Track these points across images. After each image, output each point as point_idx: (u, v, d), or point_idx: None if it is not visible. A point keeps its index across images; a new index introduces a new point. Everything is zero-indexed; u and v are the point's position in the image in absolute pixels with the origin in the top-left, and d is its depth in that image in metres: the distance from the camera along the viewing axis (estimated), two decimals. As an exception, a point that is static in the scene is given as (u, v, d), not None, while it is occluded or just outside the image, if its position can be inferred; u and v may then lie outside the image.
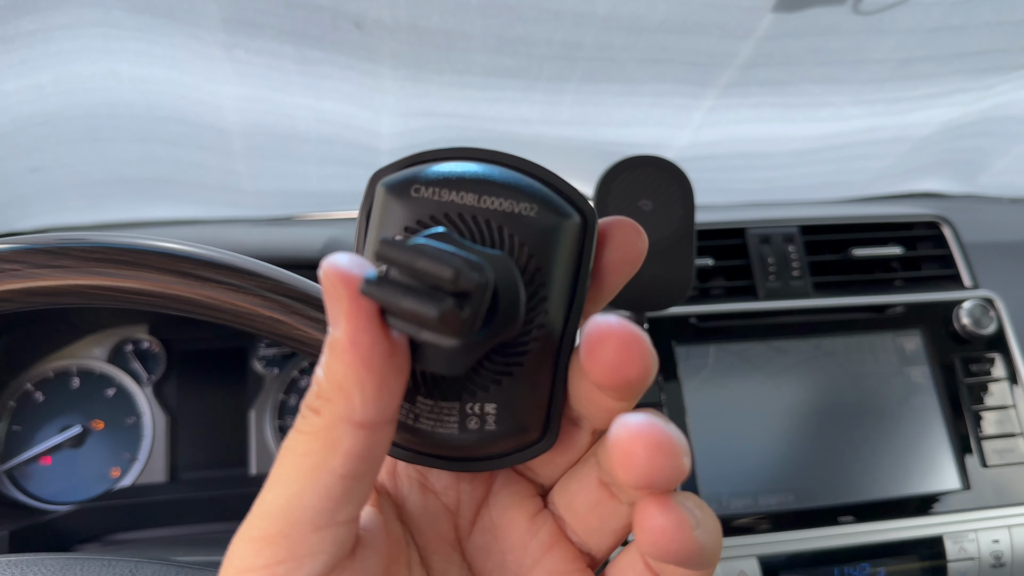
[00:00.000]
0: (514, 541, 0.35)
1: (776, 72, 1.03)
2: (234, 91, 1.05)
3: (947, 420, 0.94)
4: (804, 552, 0.87)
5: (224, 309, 0.46)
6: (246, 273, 0.46)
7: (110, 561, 0.57)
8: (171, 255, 0.45)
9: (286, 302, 0.46)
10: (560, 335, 0.32)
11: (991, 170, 1.43)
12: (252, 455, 1.01)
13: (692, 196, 0.81)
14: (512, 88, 1.03)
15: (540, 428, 0.33)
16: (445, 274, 0.26)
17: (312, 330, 0.47)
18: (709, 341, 0.93)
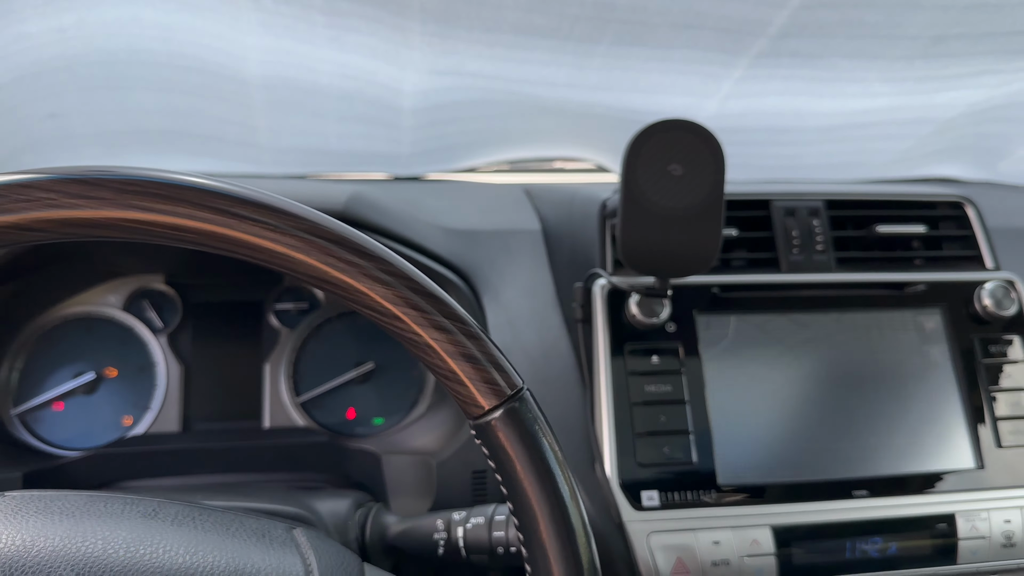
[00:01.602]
0: None
1: (808, 44, 1.02)
2: (258, 41, 1.04)
3: (964, 399, 0.94)
4: (817, 524, 0.87)
5: (259, 248, 0.45)
6: (282, 213, 0.46)
7: (134, 499, 0.57)
8: (208, 191, 0.44)
9: (322, 244, 0.45)
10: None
11: (1011, 157, 1.42)
12: (266, 409, 1.01)
13: (723, 164, 0.81)
14: (541, 48, 1.01)
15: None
16: None
17: (344, 274, 0.46)
18: (730, 311, 0.93)
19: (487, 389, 0.47)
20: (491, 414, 0.46)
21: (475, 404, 0.47)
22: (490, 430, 0.47)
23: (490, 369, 0.47)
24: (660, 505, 0.84)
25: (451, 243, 1.02)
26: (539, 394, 0.92)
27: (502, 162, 1.43)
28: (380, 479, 0.91)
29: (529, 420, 0.48)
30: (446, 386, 0.48)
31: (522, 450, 0.48)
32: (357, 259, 0.46)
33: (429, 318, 0.46)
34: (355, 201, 0.90)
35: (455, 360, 0.47)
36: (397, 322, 0.47)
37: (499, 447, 0.47)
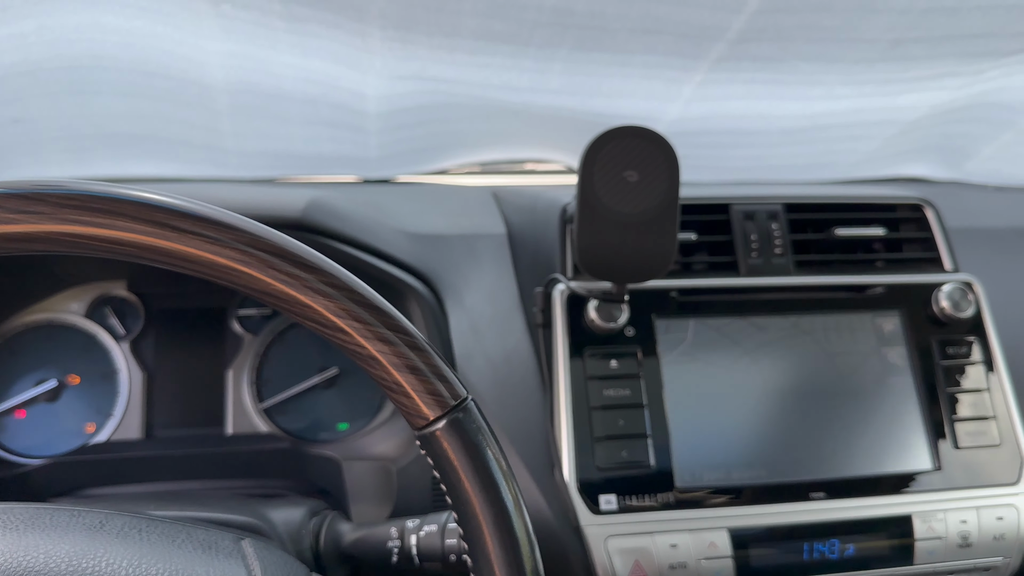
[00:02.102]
0: None
1: (768, 48, 1.02)
2: (220, 47, 1.04)
3: (922, 401, 0.95)
4: (775, 526, 0.87)
5: (200, 261, 0.45)
6: (223, 226, 0.46)
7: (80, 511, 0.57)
8: (148, 205, 0.44)
9: (263, 256, 0.46)
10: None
11: (978, 157, 1.43)
12: (229, 415, 1.01)
13: (677, 169, 0.81)
14: (502, 54, 1.02)
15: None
16: None
17: (287, 286, 0.46)
18: (689, 315, 0.94)
19: (431, 400, 0.47)
20: (435, 424, 0.47)
21: (419, 415, 0.47)
22: (434, 440, 0.47)
23: (434, 380, 0.47)
24: (618, 509, 0.85)
25: (415, 248, 1.02)
26: (500, 398, 0.92)
27: (473, 164, 1.44)
28: (342, 485, 0.91)
29: (473, 430, 0.48)
30: (391, 398, 0.48)
31: (465, 460, 0.48)
32: (299, 271, 0.46)
33: (373, 330, 0.47)
34: (313, 207, 0.90)
35: (399, 372, 0.47)
36: (341, 334, 0.47)
37: (443, 457, 0.48)
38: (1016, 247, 1.19)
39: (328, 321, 0.47)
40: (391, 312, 0.48)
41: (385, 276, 0.95)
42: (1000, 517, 0.91)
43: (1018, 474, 0.93)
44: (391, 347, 0.47)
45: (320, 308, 0.46)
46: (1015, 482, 0.93)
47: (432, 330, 0.94)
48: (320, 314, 0.46)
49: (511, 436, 0.89)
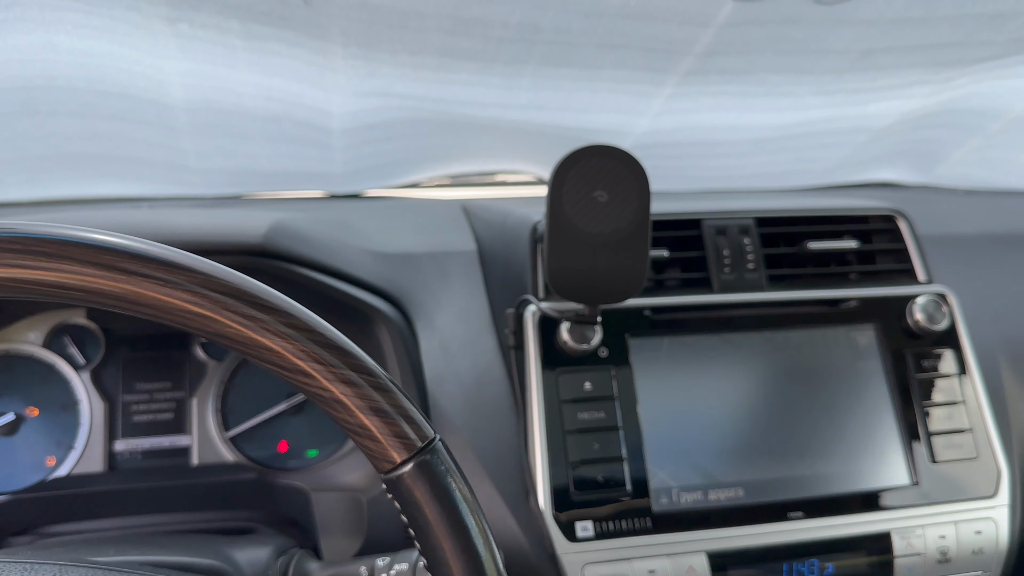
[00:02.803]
0: None
1: (736, 61, 1.01)
2: (178, 66, 1.01)
3: (898, 415, 0.94)
4: (753, 548, 0.86)
5: (151, 305, 0.43)
6: (175, 266, 0.44)
7: (35, 566, 0.54)
8: (94, 246, 0.42)
9: (217, 298, 0.44)
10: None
11: (947, 161, 1.43)
12: (194, 445, 0.98)
13: (648, 188, 0.80)
14: (468, 70, 1.00)
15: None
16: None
17: (244, 328, 0.44)
18: (663, 334, 0.92)
19: (397, 443, 0.46)
20: (401, 468, 0.45)
21: (385, 459, 0.46)
22: (401, 484, 0.46)
23: (400, 422, 0.46)
24: (595, 535, 0.83)
25: (382, 268, 1.00)
26: (472, 423, 0.90)
27: (443, 176, 1.42)
28: (311, 517, 0.89)
29: (441, 472, 0.47)
30: (356, 442, 0.47)
31: (434, 504, 0.46)
32: (256, 313, 0.45)
33: (336, 372, 0.45)
34: (276, 232, 0.88)
35: (364, 414, 0.46)
36: (303, 377, 0.45)
37: (410, 502, 0.46)
38: (988, 254, 1.18)
39: (289, 364, 0.45)
40: (354, 352, 0.46)
41: (352, 300, 0.92)
42: (979, 531, 0.91)
43: (995, 487, 0.93)
44: (355, 389, 0.45)
45: (280, 350, 0.45)
46: (992, 495, 0.92)
47: (401, 354, 0.92)
48: (280, 357, 0.45)
49: (484, 462, 0.88)
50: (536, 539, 0.84)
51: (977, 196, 1.45)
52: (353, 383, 0.45)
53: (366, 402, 0.45)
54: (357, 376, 0.45)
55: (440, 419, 0.90)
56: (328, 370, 0.44)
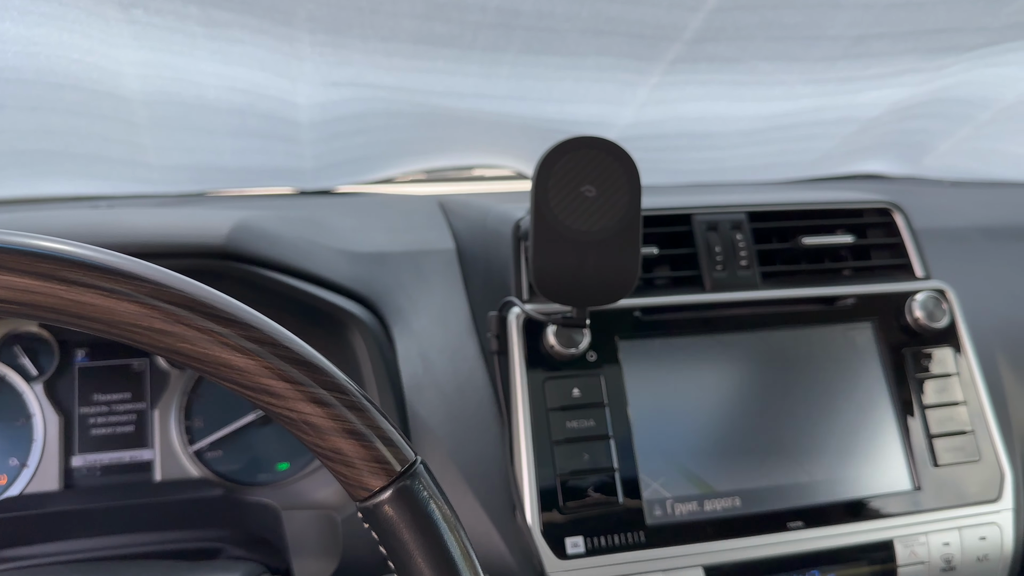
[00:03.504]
0: None
1: (726, 48, 0.97)
2: (134, 55, 0.95)
3: (898, 417, 0.90)
4: (752, 560, 0.82)
5: (95, 318, 0.39)
6: (121, 275, 0.39)
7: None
8: (30, 253, 0.37)
9: (170, 309, 0.39)
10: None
11: (935, 152, 1.40)
12: (156, 460, 0.92)
13: (638, 182, 0.75)
14: (444, 58, 0.94)
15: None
16: None
17: (198, 344, 0.39)
18: (654, 335, 0.88)
19: (375, 468, 0.42)
20: (379, 495, 0.41)
21: (361, 486, 0.42)
22: (379, 513, 0.42)
23: (377, 444, 0.42)
24: (586, 552, 0.79)
25: (356, 269, 0.94)
26: (454, 434, 0.85)
27: (419, 171, 1.36)
28: (282, 537, 0.83)
29: (423, 499, 0.43)
30: (329, 467, 0.42)
31: (416, 534, 0.42)
32: (214, 325, 0.40)
33: (305, 391, 0.41)
34: (239, 232, 0.82)
35: (337, 437, 0.41)
36: (267, 397, 0.41)
37: (390, 532, 0.42)
38: (981, 248, 1.15)
39: (251, 383, 0.41)
40: (325, 367, 0.42)
41: (323, 304, 0.87)
42: (983, 537, 0.87)
43: (999, 490, 0.89)
44: (326, 409, 0.41)
45: (241, 367, 0.40)
46: (996, 499, 0.89)
47: (377, 361, 0.86)
48: (241, 374, 0.41)
49: (467, 475, 0.82)
50: (523, 557, 0.79)
51: (965, 187, 1.42)
52: (324, 403, 0.40)
53: (339, 423, 0.40)
54: (328, 395, 0.40)
55: (419, 430, 0.84)
56: (295, 389, 0.40)
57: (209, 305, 0.40)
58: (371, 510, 0.41)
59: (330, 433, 0.41)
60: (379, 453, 0.41)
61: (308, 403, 0.40)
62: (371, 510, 0.41)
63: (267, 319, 0.42)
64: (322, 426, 0.41)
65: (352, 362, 0.88)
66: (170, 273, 0.40)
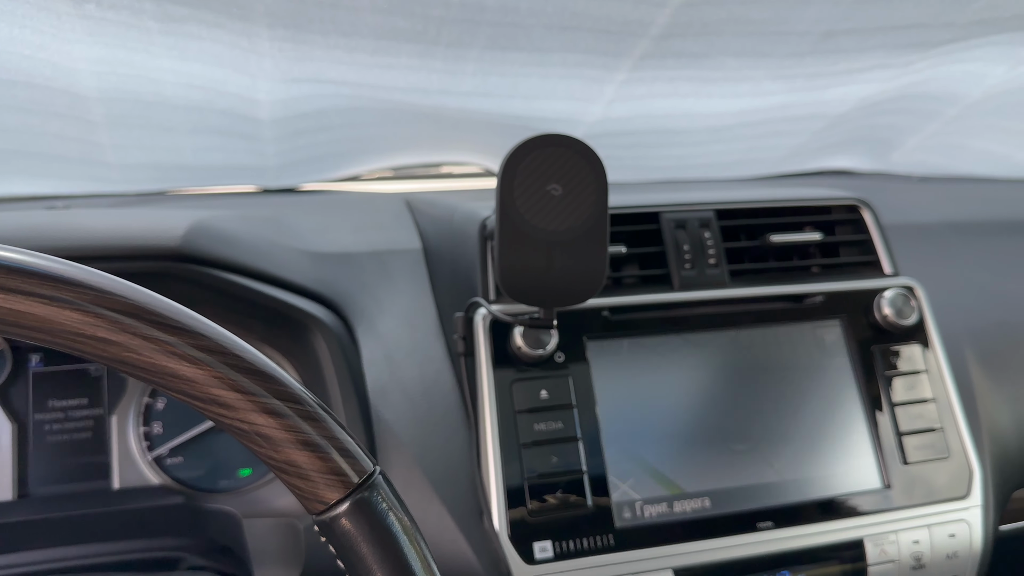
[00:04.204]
0: None
1: (694, 43, 0.96)
2: (88, 52, 0.92)
3: (867, 415, 0.90)
4: (722, 562, 0.81)
5: (34, 327, 0.37)
6: (61, 281, 0.37)
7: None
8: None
9: (113, 317, 0.37)
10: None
11: (903, 148, 1.40)
12: (114, 467, 0.90)
13: (605, 181, 0.73)
14: (408, 54, 0.92)
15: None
16: None
17: (144, 353, 0.38)
18: (623, 335, 0.86)
19: (331, 480, 0.40)
20: (336, 508, 0.40)
21: (317, 499, 0.40)
22: (337, 527, 0.40)
23: (334, 456, 0.40)
24: (554, 556, 0.77)
25: (319, 270, 0.92)
26: (420, 438, 0.83)
27: (385, 169, 1.34)
28: (243, 546, 0.81)
29: (382, 511, 0.41)
30: (283, 480, 0.41)
31: (376, 548, 0.41)
32: (160, 334, 0.38)
33: (257, 401, 0.39)
34: (196, 233, 0.79)
35: (292, 449, 0.40)
36: (218, 408, 0.39)
37: (348, 547, 0.40)
38: (949, 243, 1.15)
39: (201, 393, 0.39)
40: (278, 377, 0.40)
41: (284, 307, 0.84)
42: (952, 534, 0.87)
43: (968, 487, 0.89)
44: (280, 420, 0.39)
45: (190, 378, 0.39)
46: (965, 496, 0.89)
47: (340, 364, 0.84)
48: (191, 385, 0.39)
49: (432, 480, 0.81)
50: (491, 562, 0.78)
51: (932, 183, 1.43)
52: (277, 413, 0.39)
53: (293, 435, 0.39)
54: (282, 405, 0.39)
55: (384, 435, 0.83)
56: (247, 399, 0.38)
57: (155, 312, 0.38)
58: (328, 524, 0.40)
59: (284, 445, 0.39)
60: (335, 465, 0.40)
61: (260, 414, 0.39)
62: (328, 524, 0.40)
63: (217, 326, 0.40)
64: (276, 438, 0.39)
65: (315, 366, 0.86)
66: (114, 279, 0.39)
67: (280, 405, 0.39)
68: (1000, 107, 1.28)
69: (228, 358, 0.39)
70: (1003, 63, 1.15)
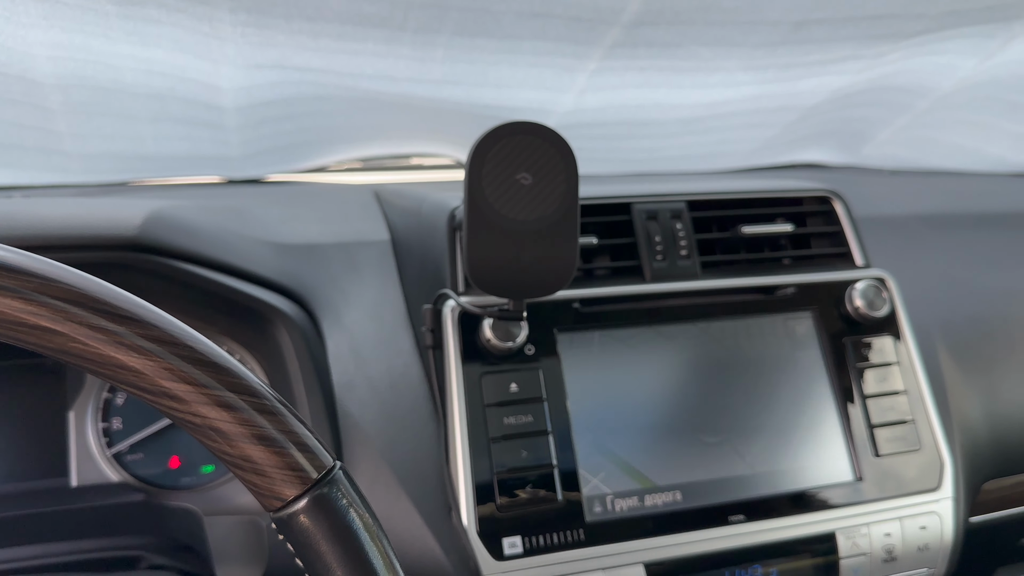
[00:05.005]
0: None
1: (665, 32, 0.94)
2: (43, 36, 0.89)
3: (839, 407, 0.89)
4: (693, 556, 0.80)
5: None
6: (2, 268, 0.35)
7: None
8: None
9: (58, 305, 0.35)
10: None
11: (874, 141, 1.40)
12: (72, 464, 0.87)
13: (576, 170, 0.72)
14: (374, 39, 0.90)
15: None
16: None
17: (93, 343, 0.36)
18: (594, 327, 0.85)
19: (289, 476, 0.39)
20: (294, 504, 0.39)
21: (274, 495, 0.39)
22: (294, 524, 0.39)
23: (291, 451, 0.39)
24: (524, 552, 0.76)
25: (283, 261, 0.90)
26: (387, 432, 0.81)
27: (353, 160, 1.32)
28: (205, 544, 0.79)
29: (342, 507, 0.40)
30: (239, 476, 0.39)
31: (334, 545, 0.39)
32: (108, 323, 0.37)
33: (209, 394, 0.38)
34: (154, 223, 0.77)
35: (247, 444, 0.38)
36: (169, 401, 0.38)
37: (306, 545, 0.39)
38: (920, 236, 1.15)
39: (151, 385, 0.38)
40: (233, 368, 0.39)
41: (246, 299, 0.82)
42: (923, 526, 0.87)
43: (939, 479, 0.89)
44: (234, 414, 0.38)
45: (139, 369, 0.37)
46: (936, 488, 0.89)
47: (305, 358, 0.82)
48: (140, 377, 0.37)
49: (400, 476, 0.79)
50: (459, 559, 0.76)
51: (903, 176, 1.43)
52: (231, 406, 0.38)
53: (248, 429, 0.38)
54: (236, 398, 0.38)
55: (350, 430, 0.81)
56: (199, 392, 0.37)
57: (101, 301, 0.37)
58: (285, 521, 0.39)
59: (239, 439, 0.38)
60: (293, 460, 0.38)
61: (213, 407, 0.38)
62: (285, 521, 0.39)
63: (167, 316, 0.38)
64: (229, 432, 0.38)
65: (278, 360, 0.84)
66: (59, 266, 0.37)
67: (234, 398, 0.38)
68: (970, 100, 1.28)
69: (179, 349, 0.37)
70: (974, 56, 1.15)
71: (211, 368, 0.38)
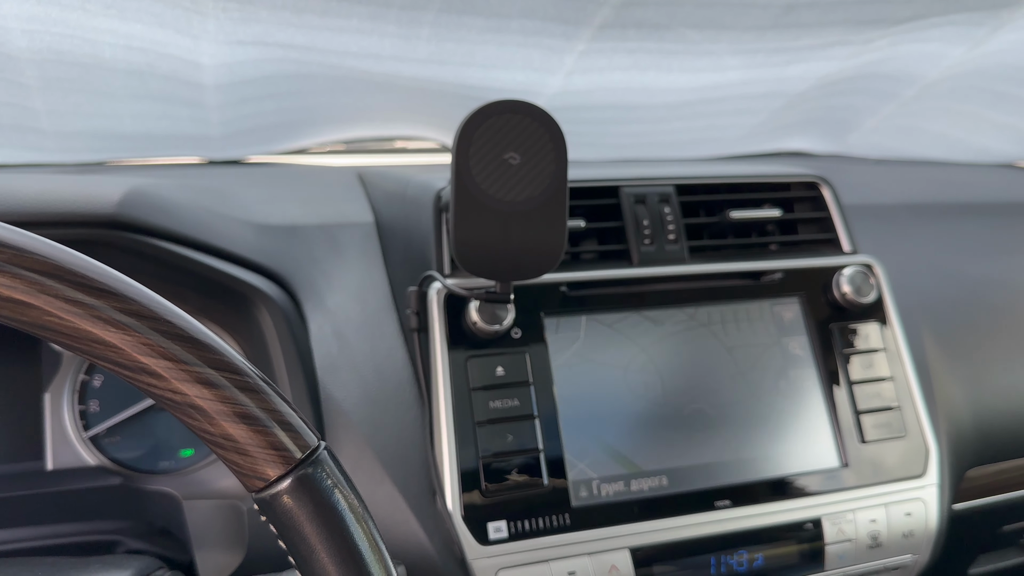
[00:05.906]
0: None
1: (655, 13, 0.93)
2: (17, 9, 0.86)
3: (826, 393, 0.89)
4: (679, 541, 0.80)
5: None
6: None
7: None
8: None
9: (33, 278, 0.34)
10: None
11: (860, 129, 1.40)
12: (48, 447, 0.85)
13: (565, 150, 0.71)
14: (359, 16, 0.88)
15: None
16: None
17: (70, 317, 0.35)
18: (581, 311, 0.84)
19: (271, 455, 0.38)
20: (277, 484, 0.37)
21: (256, 475, 0.38)
22: (278, 505, 0.38)
23: (274, 430, 0.38)
24: (509, 536, 0.75)
25: (264, 242, 0.88)
26: (371, 416, 0.80)
27: (336, 142, 1.30)
28: (184, 528, 0.78)
29: (326, 488, 0.39)
30: (220, 455, 0.38)
31: (318, 527, 0.38)
32: (84, 296, 0.35)
33: (190, 371, 0.36)
34: (132, 200, 0.75)
35: (228, 422, 0.37)
36: (148, 378, 0.36)
37: (289, 525, 0.38)
38: (905, 224, 1.15)
39: (129, 361, 0.36)
40: (214, 345, 0.38)
41: (227, 279, 0.80)
42: (908, 513, 0.87)
43: (924, 466, 0.89)
44: (215, 391, 0.37)
45: (117, 344, 0.36)
46: (921, 474, 0.89)
47: (287, 340, 0.81)
48: (118, 352, 0.36)
49: (384, 460, 0.78)
50: (444, 544, 0.76)
51: (887, 165, 1.43)
52: (212, 383, 0.36)
53: (229, 407, 0.37)
54: (217, 375, 0.37)
55: (333, 413, 0.80)
56: (179, 368, 0.36)
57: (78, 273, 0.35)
58: (268, 501, 0.37)
59: (220, 417, 0.37)
60: (276, 439, 0.37)
61: (193, 384, 0.36)
62: (268, 501, 0.37)
63: (146, 290, 0.37)
64: (210, 410, 0.37)
65: (259, 341, 0.82)
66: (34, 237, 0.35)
67: (215, 375, 0.36)
68: (956, 89, 1.28)
69: (158, 323, 0.36)
70: (961, 44, 1.14)
71: (191, 344, 0.36)
